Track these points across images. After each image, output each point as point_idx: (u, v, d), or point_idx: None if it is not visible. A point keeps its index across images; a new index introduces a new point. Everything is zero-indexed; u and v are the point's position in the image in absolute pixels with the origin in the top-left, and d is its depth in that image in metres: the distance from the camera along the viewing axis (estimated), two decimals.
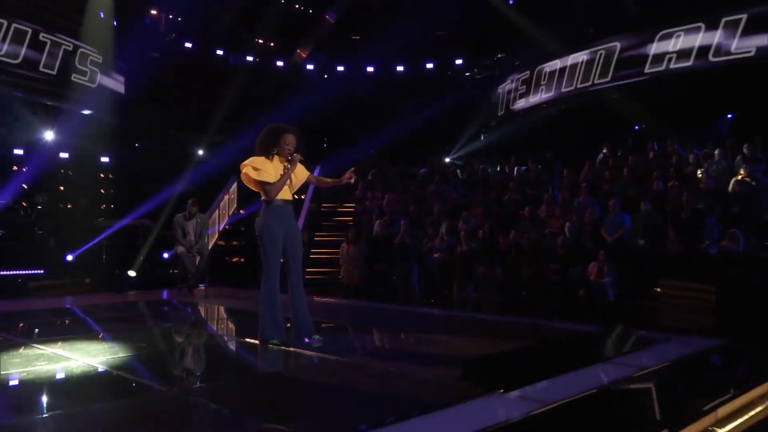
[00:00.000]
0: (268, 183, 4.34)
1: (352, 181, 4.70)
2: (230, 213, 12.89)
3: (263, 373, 4.02)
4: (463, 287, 8.87)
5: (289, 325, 4.62)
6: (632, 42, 11.00)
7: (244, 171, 4.39)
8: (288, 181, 4.43)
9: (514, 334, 5.28)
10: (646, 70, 10.67)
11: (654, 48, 10.55)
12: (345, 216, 12.33)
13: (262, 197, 4.44)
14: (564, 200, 10.04)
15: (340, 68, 16.75)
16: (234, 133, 12.86)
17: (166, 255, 9.37)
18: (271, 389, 3.44)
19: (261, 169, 4.34)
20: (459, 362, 3.64)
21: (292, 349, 4.36)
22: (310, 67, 16.89)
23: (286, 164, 4.40)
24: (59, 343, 4.62)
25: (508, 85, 13.96)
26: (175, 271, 8.42)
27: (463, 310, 8.50)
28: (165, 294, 8.31)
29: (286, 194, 4.47)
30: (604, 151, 11.48)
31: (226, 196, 12.72)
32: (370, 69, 16.64)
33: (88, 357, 4.12)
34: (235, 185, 12.60)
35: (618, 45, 11.13)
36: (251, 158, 4.40)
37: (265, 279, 4.40)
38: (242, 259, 12.25)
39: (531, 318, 6.58)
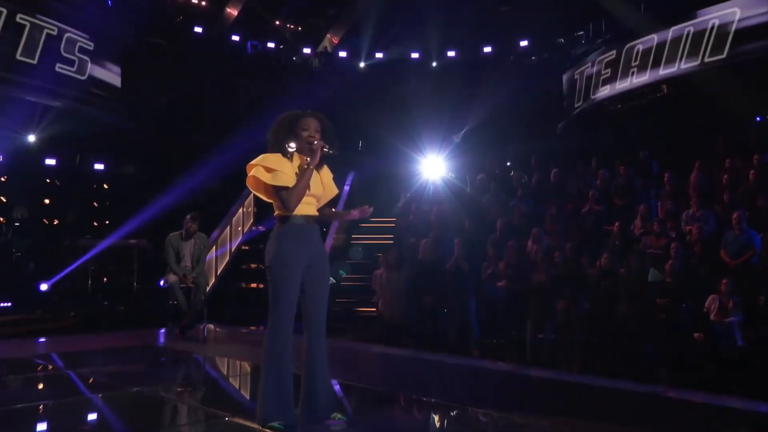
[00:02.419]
0: (285, 188, 3.57)
1: (366, 215, 3.92)
2: (245, 229, 12.37)
3: None
4: (538, 328, 8.05)
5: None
6: (756, 7, 10.00)
7: (251, 173, 3.64)
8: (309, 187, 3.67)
9: (632, 414, 4.27)
10: None
11: None
12: (383, 233, 11.74)
13: (276, 211, 3.72)
14: (666, 212, 9.22)
15: (379, 55, 16.28)
16: (250, 132, 12.37)
17: (162, 283, 8.69)
18: None
19: (276, 169, 3.59)
20: None
21: None
22: (342, 54, 16.47)
23: (306, 159, 3.62)
24: None
25: (588, 69, 13.21)
26: (175, 302, 7.70)
27: (540, 362, 7.65)
28: (161, 335, 7.82)
29: (309, 208, 3.71)
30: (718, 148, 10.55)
31: (241, 209, 12.23)
32: (414, 55, 16.18)
33: None
34: (251, 196, 12.07)
35: (737, 11, 10.13)
36: (262, 156, 3.65)
37: (271, 330, 3.63)
38: (260, 285, 11.65)
39: (639, 380, 5.62)
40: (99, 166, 12.69)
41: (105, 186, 13.00)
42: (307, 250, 3.67)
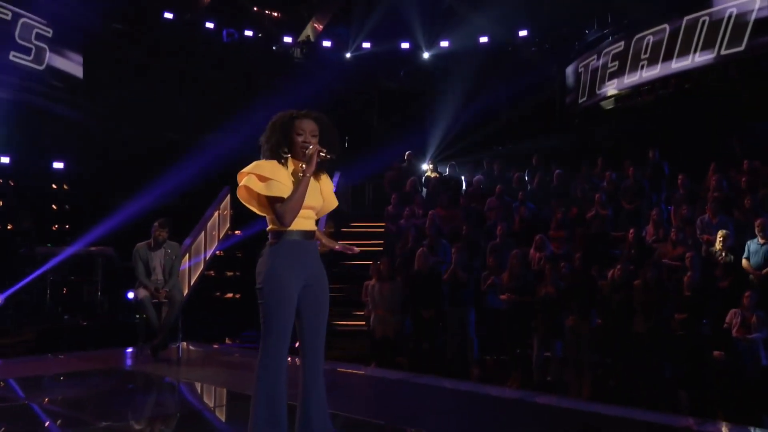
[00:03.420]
0: (281, 199, 3.43)
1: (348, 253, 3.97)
2: (221, 235, 12.20)
3: None
4: (545, 345, 8.01)
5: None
6: None
7: (243, 182, 3.48)
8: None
9: None
10: None
11: None
12: (372, 239, 11.61)
13: (269, 226, 3.55)
14: (683, 218, 9.15)
15: (366, 45, 16.15)
16: (227, 129, 12.53)
17: (131, 295, 8.49)
18: None
19: (271, 178, 3.43)
20: None
21: None
22: (326, 43, 16.36)
23: (301, 165, 3.50)
24: None
25: (593, 62, 13.34)
26: (145, 316, 7.51)
27: (546, 382, 7.62)
28: (129, 355, 7.61)
29: (306, 222, 3.56)
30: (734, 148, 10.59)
31: (217, 213, 12.07)
32: (404, 45, 16.07)
33: None
34: (228, 198, 12.12)
35: (757, 0, 10.19)
36: (254, 163, 3.50)
37: (263, 358, 3.49)
38: (237, 296, 11.73)
39: (655, 402, 5.42)
40: (58, 165, 12.47)
41: (65, 187, 12.80)
42: (303, 268, 3.52)
